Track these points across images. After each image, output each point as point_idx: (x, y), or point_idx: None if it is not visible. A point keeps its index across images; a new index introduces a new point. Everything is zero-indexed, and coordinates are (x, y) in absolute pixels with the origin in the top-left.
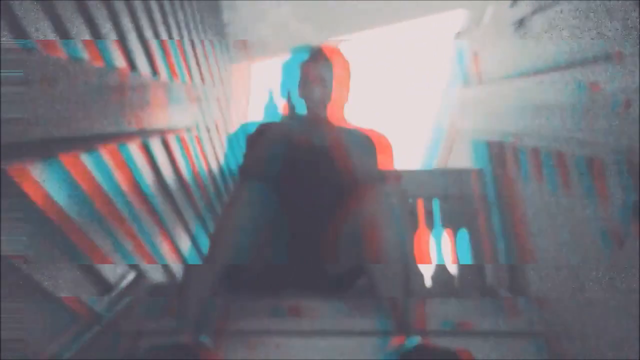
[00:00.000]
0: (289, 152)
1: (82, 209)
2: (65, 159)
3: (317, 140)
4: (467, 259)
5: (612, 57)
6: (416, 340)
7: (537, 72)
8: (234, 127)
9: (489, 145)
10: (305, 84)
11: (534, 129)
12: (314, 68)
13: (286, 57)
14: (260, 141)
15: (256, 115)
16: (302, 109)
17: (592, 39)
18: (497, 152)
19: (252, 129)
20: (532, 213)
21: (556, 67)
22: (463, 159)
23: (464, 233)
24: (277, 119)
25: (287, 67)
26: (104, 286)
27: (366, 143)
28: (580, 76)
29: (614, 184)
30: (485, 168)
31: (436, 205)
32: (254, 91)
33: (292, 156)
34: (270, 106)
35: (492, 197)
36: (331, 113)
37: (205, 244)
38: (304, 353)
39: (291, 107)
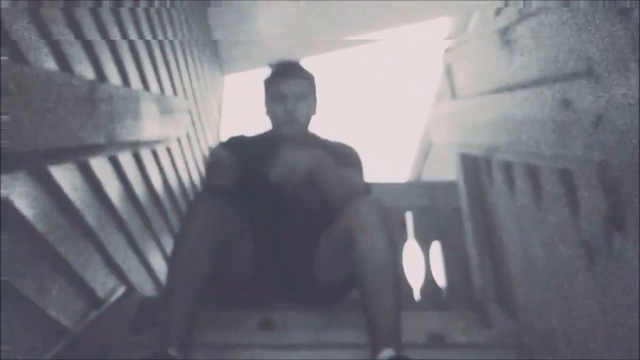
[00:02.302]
0: (257, 163)
1: (61, 222)
2: (36, 171)
3: (297, 154)
4: (442, 272)
5: (586, 74)
6: (390, 353)
7: (512, 87)
8: (207, 140)
9: (463, 159)
10: (276, 101)
11: (508, 143)
12: (284, 85)
13: (264, 72)
14: (219, 154)
15: (228, 128)
16: (278, 125)
17: (569, 53)
18: (471, 166)
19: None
20: (505, 226)
21: (531, 83)
22: (437, 172)
23: (437, 246)
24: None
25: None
26: (93, 300)
27: (353, 155)
28: (554, 92)
29: (587, 198)
30: (460, 181)
31: (410, 218)
32: (226, 103)
33: (261, 169)
34: None
35: (466, 210)
36: (306, 127)
37: None
38: None
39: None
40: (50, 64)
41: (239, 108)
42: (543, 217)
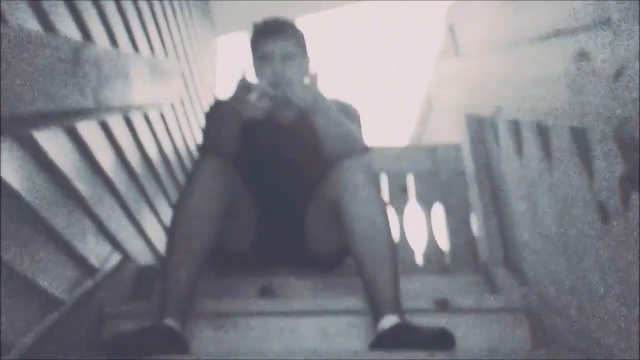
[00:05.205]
0: (253, 127)
1: (50, 189)
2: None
3: (291, 116)
4: (445, 235)
5: (603, 24)
6: (394, 319)
7: (522, 41)
8: (201, 104)
9: (468, 119)
10: (263, 62)
11: (518, 101)
12: (270, 44)
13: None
14: (219, 115)
15: (222, 90)
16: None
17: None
18: (476, 127)
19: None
20: (513, 188)
21: (543, 36)
22: (439, 133)
23: (439, 208)
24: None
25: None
26: (87, 269)
27: (352, 111)
28: (569, 45)
29: (601, 157)
30: (465, 143)
31: (411, 180)
32: (219, 65)
33: (257, 131)
34: None
35: (471, 172)
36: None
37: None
38: (281, 333)
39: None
40: (33, 24)
41: (233, 70)
42: (553, 177)
